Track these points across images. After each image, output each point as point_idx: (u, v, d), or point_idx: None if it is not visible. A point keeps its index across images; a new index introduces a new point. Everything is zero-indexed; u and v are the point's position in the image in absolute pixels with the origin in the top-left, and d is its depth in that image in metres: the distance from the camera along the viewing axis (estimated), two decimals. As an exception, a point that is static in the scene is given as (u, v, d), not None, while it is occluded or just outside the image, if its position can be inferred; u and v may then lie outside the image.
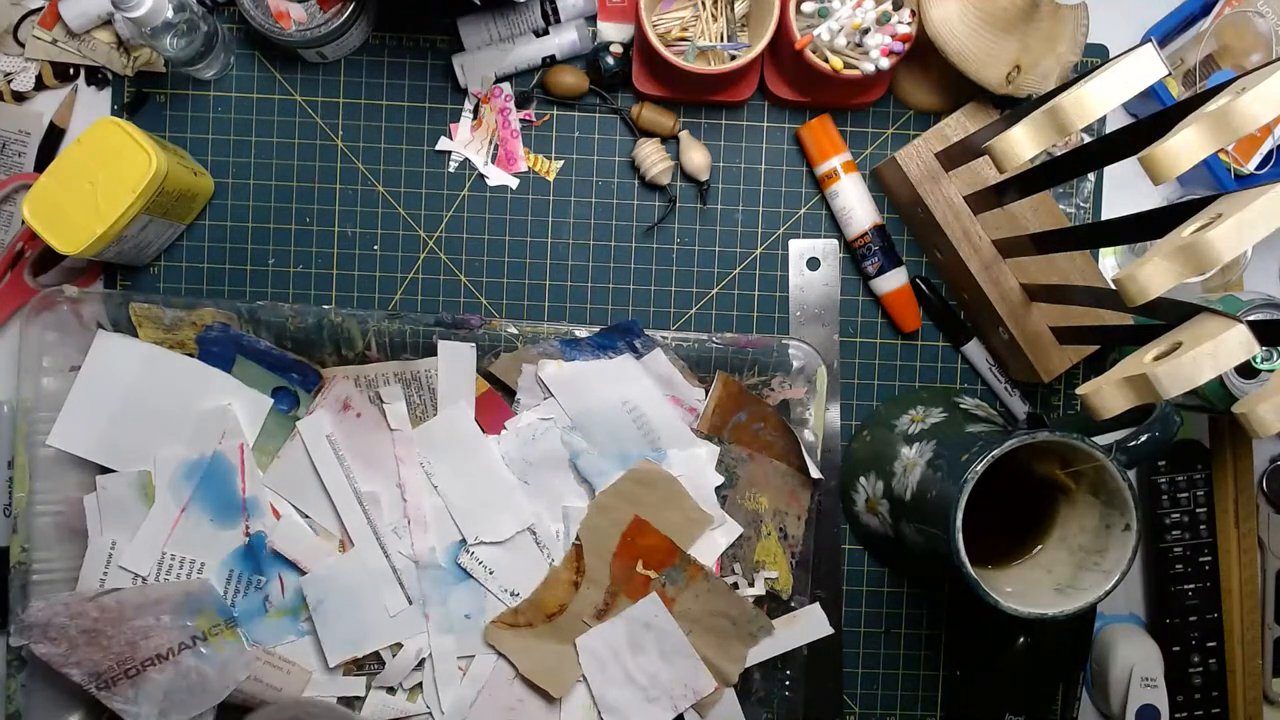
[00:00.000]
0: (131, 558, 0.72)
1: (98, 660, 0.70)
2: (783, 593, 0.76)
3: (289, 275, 0.79)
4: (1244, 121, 0.47)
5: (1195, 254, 0.49)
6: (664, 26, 0.74)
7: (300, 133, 0.79)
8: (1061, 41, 0.74)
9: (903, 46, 0.72)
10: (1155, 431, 0.65)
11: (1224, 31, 0.78)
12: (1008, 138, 0.58)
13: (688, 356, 0.75)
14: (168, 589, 0.72)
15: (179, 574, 0.72)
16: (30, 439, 0.72)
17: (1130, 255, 0.81)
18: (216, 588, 0.73)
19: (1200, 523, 0.82)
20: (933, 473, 0.67)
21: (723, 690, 0.74)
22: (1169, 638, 0.82)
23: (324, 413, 0.73)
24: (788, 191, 0.81)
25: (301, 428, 0.73)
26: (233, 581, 0.73)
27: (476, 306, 0.80)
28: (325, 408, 0.73)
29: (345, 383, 0.73)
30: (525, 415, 0.74)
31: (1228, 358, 0.49)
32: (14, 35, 0.76)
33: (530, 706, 0.74)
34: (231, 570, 0.73)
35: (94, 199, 0.68)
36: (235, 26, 0.78)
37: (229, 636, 0.72)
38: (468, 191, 0.79)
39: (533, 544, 0.74)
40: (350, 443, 0.73)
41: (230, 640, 0.72)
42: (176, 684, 0.71)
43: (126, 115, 0.77)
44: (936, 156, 0.76)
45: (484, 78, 0.77)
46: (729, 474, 0.75)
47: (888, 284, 0.79)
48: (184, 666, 0.71)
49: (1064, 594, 0.65)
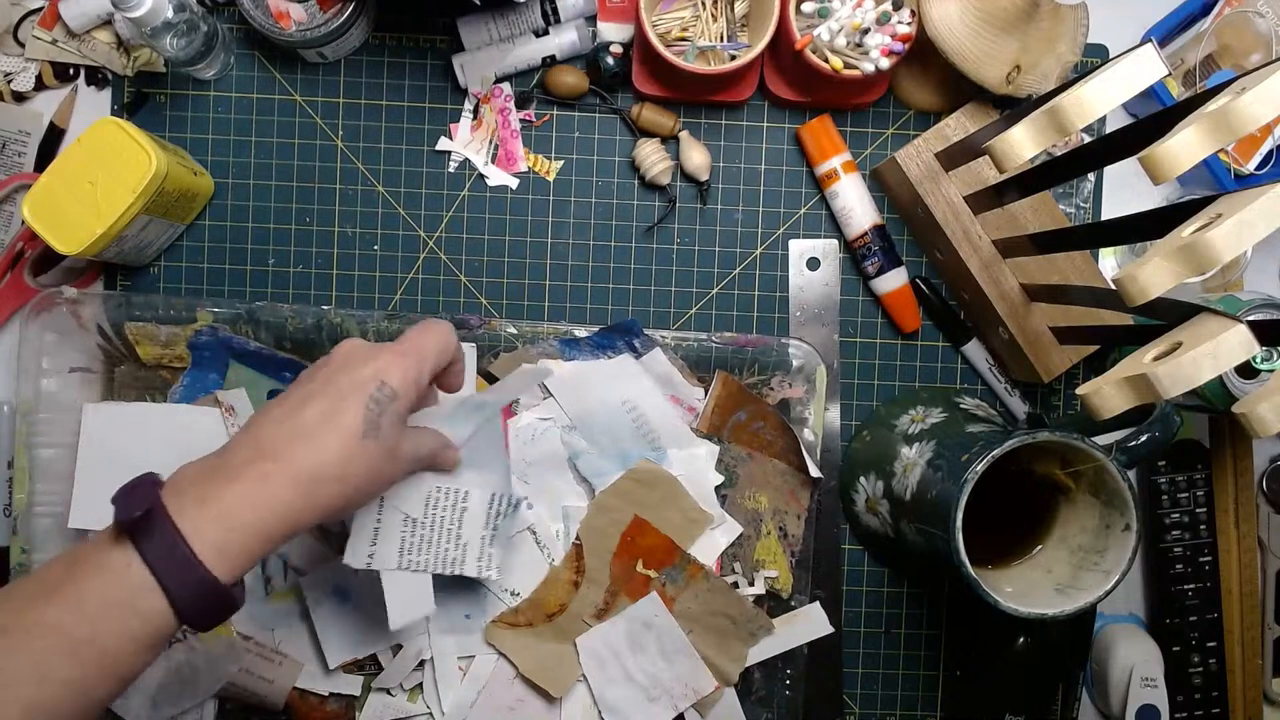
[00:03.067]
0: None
1: None
2: (783, 592, 0.76)
3: (289, 275, 0.79)
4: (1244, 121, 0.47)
5: (1195, 254, 0.49)
6: (664, 26, 0.74)
7: (300, 133, 0.79)
8: (1061, 41, 0.74)
9: (903, 46, 0.72)
10: (1155, 431, 0.65)
11: (1224, 31, 0.78)
12: (1008, 138, 0.58)
13: (687, 356, 0.75)
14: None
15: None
16: (30, 440, 0.72)
17: (1130, 255, 0.81)
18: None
19: (1200, 523, 0.82)
20: (933, 473, 0.67)
21: (723, 689, 0.74)
22: (1169, 638, 0.82)
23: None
24: (788, 191, 0.81)
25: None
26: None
27: (476, 306, 0.80)
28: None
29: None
30: (525, 415, 0.74)
31: (1228, 358, 0.50)
32: (14, 35, 0.76)
33: (530, 706, 0.74)
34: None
35: (94, 199, 0.68)
36: (235, 26, 0.78)
37: (220, 630, 0.72)
38: (468, 191, 0.79)
39: (533, 544, 0.74)
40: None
41: (220, 634, 0.72)
42: (167, 678, 0.71)
43: (126, 115, 0.77)
44: (936, 156, 0.76)
45: (484, 78, 0.77)
46: (729, 473, 0.75)
47: (888, 284, 0.79)
48: (174, 660, 0.71)
49: (1064, 594, 0.65)
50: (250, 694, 0.72)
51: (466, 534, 0.65)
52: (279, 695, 0.72)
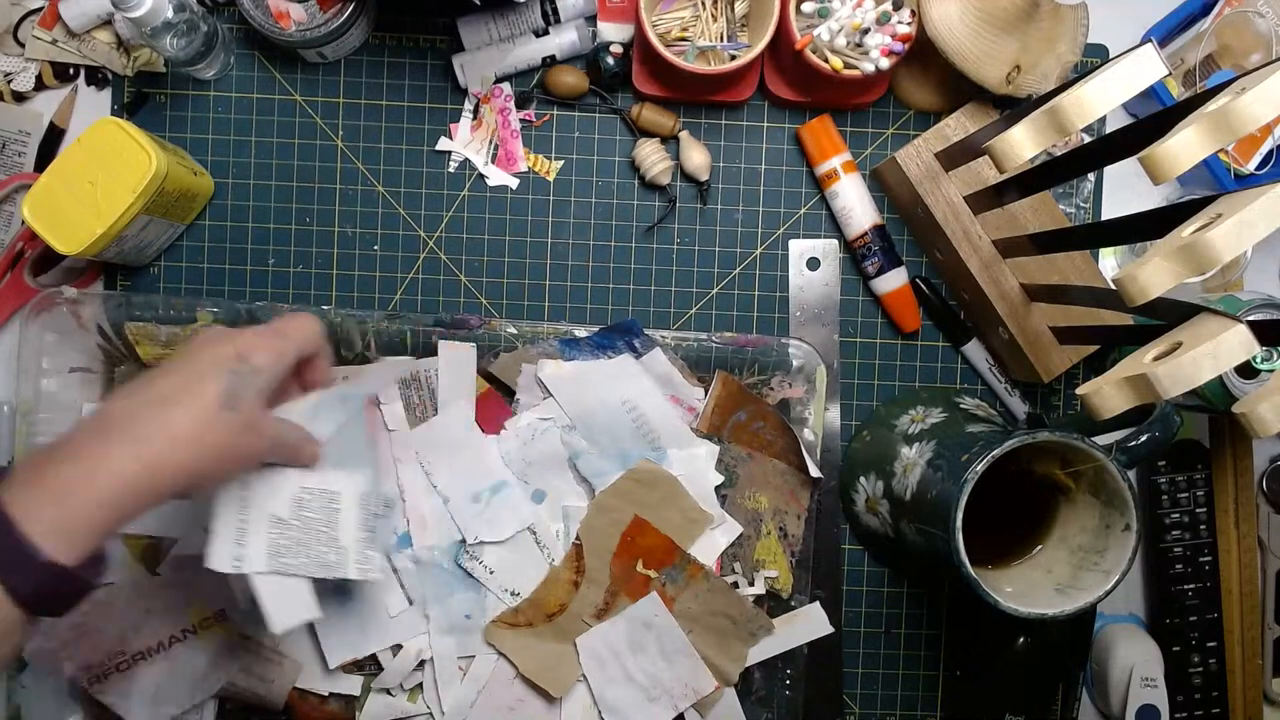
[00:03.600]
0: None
1: (88, 655, 0.70)
2: (783, 592, 0.76)
3: (289, 275, 0.79)
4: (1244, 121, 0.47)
5: (1195, 254, 0.49)
6: (664, 26, 0.74)
7: (300, 133, 0.79)
8: (1061, 41, 0.74)
9: (903, 46, 0.72)
10: (1155, 431, 0.65)
11: (1224, 31, 0.78)
12: (1008, 138, 0.58)
13: (687, 356, 0.75)
14: (159, 583, 0.72)
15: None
16: (30, 440, 0.72)
17: (1130, 255, 0.81)
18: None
19: (1200, 523, 0.82)
20: (933, 473, 0.67)
21: (723, 689, 0.74)
22: (1169, 638, 0.82)
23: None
24: (788, 191, 0.81)
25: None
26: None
27: (476, 306, 0.80)
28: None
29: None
30: (525, 415, 0.74)
31: (1228, 358, 0.50)
32: (14, 35, 0.76)
33: (530, 706, 0.74)
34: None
35: (94, 199, 0.68)
36: (235, 26, 0.78)
37: (219, 630, 0.72)
38: (468, 191, 0.79)
39: (533, 544, 0.74)
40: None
41: (220, 633, 0.72)
42: (168, 677, 0.71)
43: (126, 115, 0.77)
44: (936, 156, 0.76)
45: (484, 78, 0.77)
46: (729, 473, 0.75)
47: (888, 284, 0.79)
48: (175, 659, 0.71)
49: (1064, 594, 0.65)
50: (250, 694, 0.72)
51: (343, 536, 0.63)
52: (279, 695, 0.72)
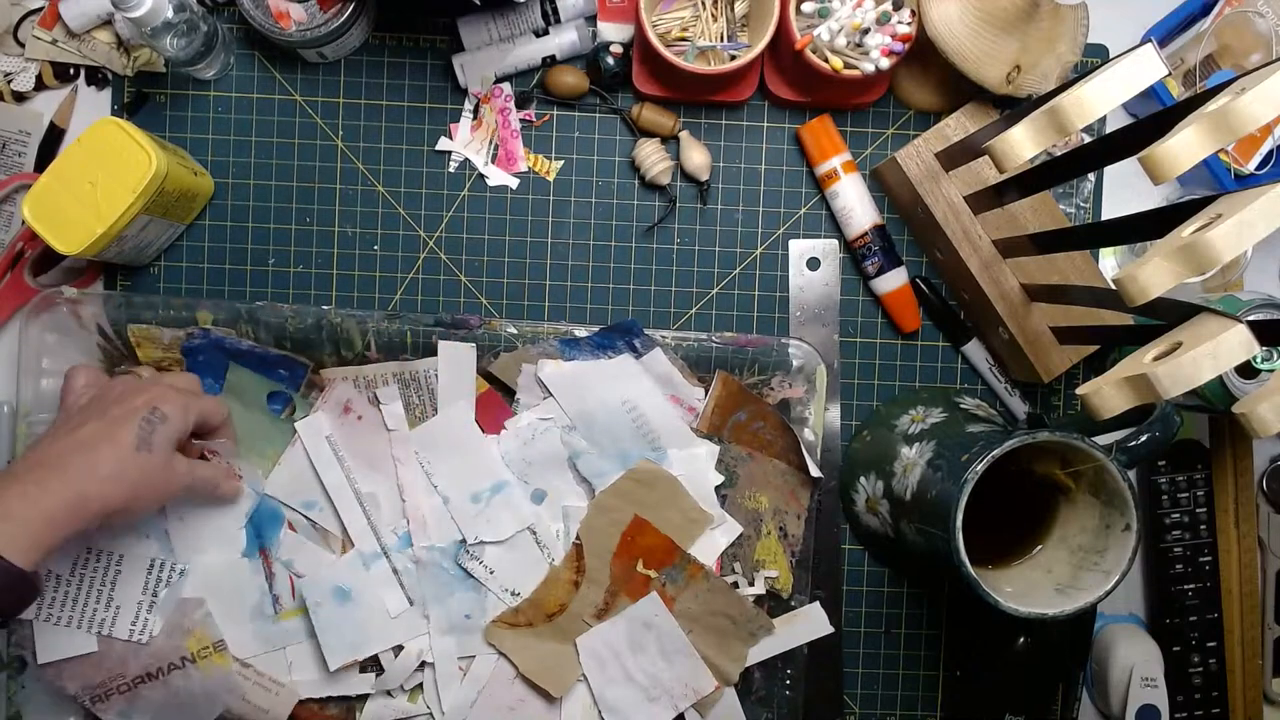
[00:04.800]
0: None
1: (90, 674, 0.70)
2: (783, 592, 0.76)
3: (289, 275, 0.79)
4: (1244, 121, 0.47)
5: (1195, 254, 0.49)
6: (664, 26, 0.74)
7: (300, 133, 0.79)
8: (1061, 41, 0.74)
9: (903, 46, 0.72)
10: (1155, 431, 0.65)
11: (1224, 31, 0.78)
12: (1008, 138, 0.58)
13: (688, 356, 0.75)
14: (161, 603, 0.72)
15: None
16: (30, 440, 0.72)
17: (1130, 255, 0.81)
18: (208, 606, 0.72)
19: (1200, 523, 0.82)
20: (933, 473, 0.67)
21: (723, 689, 0.74)
22: (1169, 638, 0.82)
23: (324, 415, 0.73)
24: (788, 191, 0.81)
25: (300, 428, 0.73)
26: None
27: (476, 306, 0.80)
28: (326, 411, 0.73)
29: (345, 385, 0.73)
30: (525, 415, 0.74)
31: (1228, 358, 0.50)
32: (14, 35, 0.76)
33: (530, 706, 0.74)
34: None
35: (94, 199, 0.68)
36: (235, 26, 0.78)
37: (217, 660, 0.71)
38: (468, 191, 0.79)
39: (533, 544, 0.74)
40: (351, 444, 0.73)
41: (218, 664, 0.71)
42: (168, 703, 0.71)
43: (126, 115, 0.77)
44: (936, 156, 0.76)
45: (484, 78, 0.77)
46: (729, 473, 0.75)
47: (888, 284, 0.79)
48: (173, 687, 0.71)
49: (1064, 594, 0.65)
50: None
51: (119, 597, 0.70)
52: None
